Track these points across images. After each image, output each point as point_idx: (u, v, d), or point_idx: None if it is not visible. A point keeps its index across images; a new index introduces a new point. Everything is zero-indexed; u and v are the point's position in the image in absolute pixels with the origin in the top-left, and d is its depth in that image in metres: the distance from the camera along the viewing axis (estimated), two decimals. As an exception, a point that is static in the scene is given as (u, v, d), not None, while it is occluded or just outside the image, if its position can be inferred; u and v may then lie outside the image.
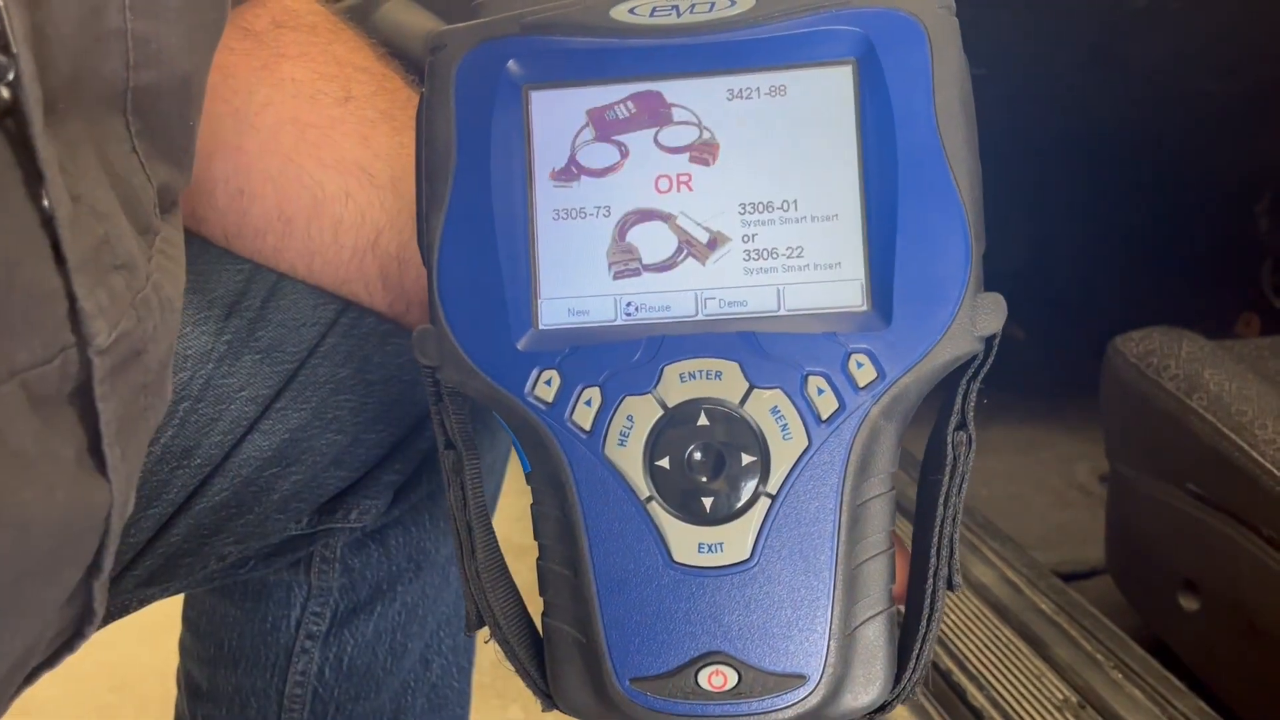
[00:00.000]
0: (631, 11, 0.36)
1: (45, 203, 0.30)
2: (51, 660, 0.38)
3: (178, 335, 0.41)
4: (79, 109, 0.33)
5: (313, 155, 0.51)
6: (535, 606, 0.39)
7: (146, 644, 0.91)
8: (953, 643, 1.02)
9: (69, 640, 0.38)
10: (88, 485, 0.33)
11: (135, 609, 0.58)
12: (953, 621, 1.06)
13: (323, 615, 0.64)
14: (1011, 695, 0.97)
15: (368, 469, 0.60)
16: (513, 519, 0.54)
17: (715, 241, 0.36)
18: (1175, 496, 1.05)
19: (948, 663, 0.99)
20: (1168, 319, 1.11)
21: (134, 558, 0.54)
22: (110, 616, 0.57)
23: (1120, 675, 0.97)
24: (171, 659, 0.70)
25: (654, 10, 0.36)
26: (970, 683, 0.98)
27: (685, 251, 0.36)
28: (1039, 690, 0.97)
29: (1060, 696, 0.96)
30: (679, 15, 0.36)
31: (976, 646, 1.03)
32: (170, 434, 0.52)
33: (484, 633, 0.39)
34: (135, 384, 0.35)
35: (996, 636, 1.03)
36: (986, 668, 1.00)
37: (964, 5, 0.37)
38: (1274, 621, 0.95)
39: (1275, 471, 0.92)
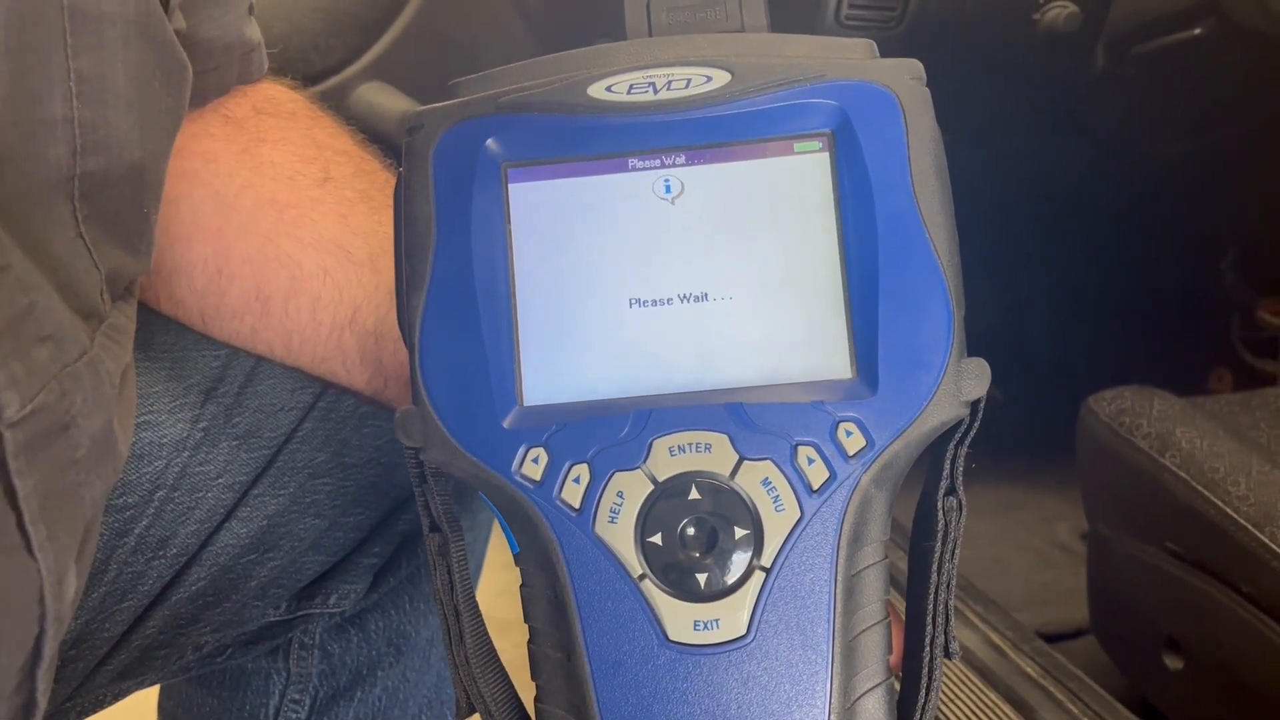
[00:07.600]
0: (609, 89, 0.36)
1: None
2: None
3: (119, 408, 0.39)
4: (11, 188, 0.33)
5: (291, 234, 0.51)
6: (521, 684, 0.39)
7: (120, 737, 0.88)
8: (939, 709, 1.01)
9: None
10: (9, 563, 0.32)
11: (110, 703, 0.57)
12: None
13: (302, 702, 0.63)
14: (1001, 762, 0.95)
15: (346, 553, 0.59)
16: (494, 593, 0.53)
17: (699, 313, 0.36)
18: (1154, 555, 1.05)
19: (935, 730, 0.98)
20: (1143, 377, 1.12)
21: (109, 651, 0.53)
22: (84, 711, 0.55)
23: (1109, 738, 0.96)
24: (146, 753, 0.69)
25: (631, 87, 0.36)
26: (959, 750, 0.97)
27: (669, 324, 0.36)
28: (1028, 756, 0.96)
29: (1050, 761, 0.95)
30: (655, 92, 0.36)
31: (963, 712, 1.01)
32: (145, 524, 0.51)
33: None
34: (62, 459, 0.34)
35: (983, 702, 1.02)
36: (974, 734, 0.99)
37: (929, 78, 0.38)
38: (1256, 677, 0.94)
39: (1250, 528, 0.92)
